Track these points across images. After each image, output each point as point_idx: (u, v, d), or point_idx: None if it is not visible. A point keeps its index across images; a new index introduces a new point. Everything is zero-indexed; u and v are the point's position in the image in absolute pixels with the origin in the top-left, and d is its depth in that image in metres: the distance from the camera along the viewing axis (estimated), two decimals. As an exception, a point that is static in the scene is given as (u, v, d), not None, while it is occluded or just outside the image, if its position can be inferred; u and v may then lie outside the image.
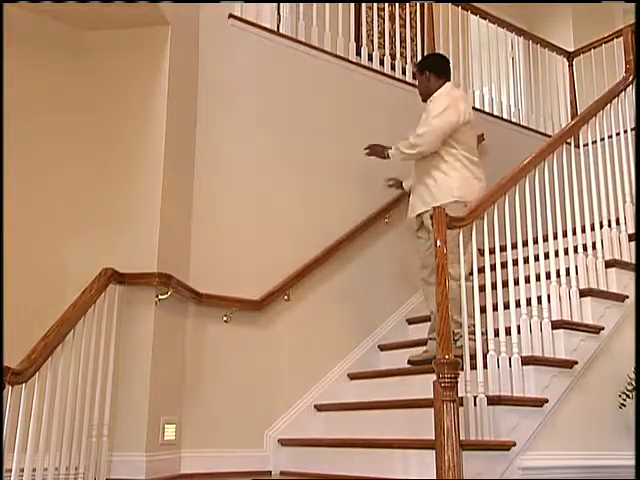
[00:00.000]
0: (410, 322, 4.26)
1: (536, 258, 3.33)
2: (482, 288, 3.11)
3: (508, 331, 3.10)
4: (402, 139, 3.72)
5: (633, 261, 3.68)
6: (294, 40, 4.32)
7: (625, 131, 4.11)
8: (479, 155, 3.76)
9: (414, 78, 4.91)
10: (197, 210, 3.66)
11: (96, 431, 2.98)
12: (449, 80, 3.81)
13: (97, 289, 3.00)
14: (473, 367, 2.93)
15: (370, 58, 4.71)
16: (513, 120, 5.57)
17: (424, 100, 3.83)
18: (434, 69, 3.80)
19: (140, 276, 3.20)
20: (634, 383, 3.30)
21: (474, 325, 3.06)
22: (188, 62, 3.75)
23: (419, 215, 3.70)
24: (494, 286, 3.14)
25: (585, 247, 3.54)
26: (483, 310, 3.06)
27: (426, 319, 3.94)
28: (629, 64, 4.64)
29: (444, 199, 3.48)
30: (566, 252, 3.45)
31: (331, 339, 3.98)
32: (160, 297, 3.24)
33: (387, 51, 4.82)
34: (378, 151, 3.86)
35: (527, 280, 3.25)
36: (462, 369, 2.79)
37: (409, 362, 3.65)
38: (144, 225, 3.31)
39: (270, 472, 3.56)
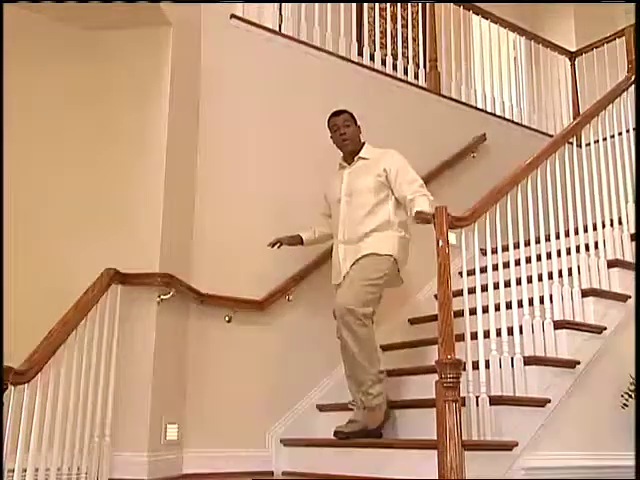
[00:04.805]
0: (412, 322, 4.25)
1: (538, 258, 3.33)
2: (485, 288, 3.11)
3: (510, 331, 3.10)
4: (403, 140, 3.66)
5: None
6: (296, 40, 4.32)
7: (627, 131, 4.10)
8: None
9: (415, 79, 4.95)
10: (199, 210, 3.67)
11: (98, 431, 2.98)
12: None
13: (99, 289, 3.00)
14: (475, 367, 2.93)
15: (372, 58, 4.71)
16: (515, 120, 5.56)
17: (350, 150, 3.63)
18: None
19: (142, 276, 3.20)
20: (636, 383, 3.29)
21: (381, 372, 3.22)
22: (190, 63, 3.75)
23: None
24: (496, 286, 3.14)
25: (587, 247, 3.54)
26: (485, 310, 3.07)
27: (430, 319, 3.94)
28: (631, 64, 4.64)
29: (385, 251, 3.38)
30: (568, 252, 3.45)
31: (333, 339, 3.97)
32: (162, 297, 3.24)
33: (389, 51, 4.83)
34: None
35: (529, 280, 3.25)
36: (464, 369, 2.79)
37: (335, 434, 3.28)
38: (146, 225, 3.31)
39: (272, 472, 3.56)
